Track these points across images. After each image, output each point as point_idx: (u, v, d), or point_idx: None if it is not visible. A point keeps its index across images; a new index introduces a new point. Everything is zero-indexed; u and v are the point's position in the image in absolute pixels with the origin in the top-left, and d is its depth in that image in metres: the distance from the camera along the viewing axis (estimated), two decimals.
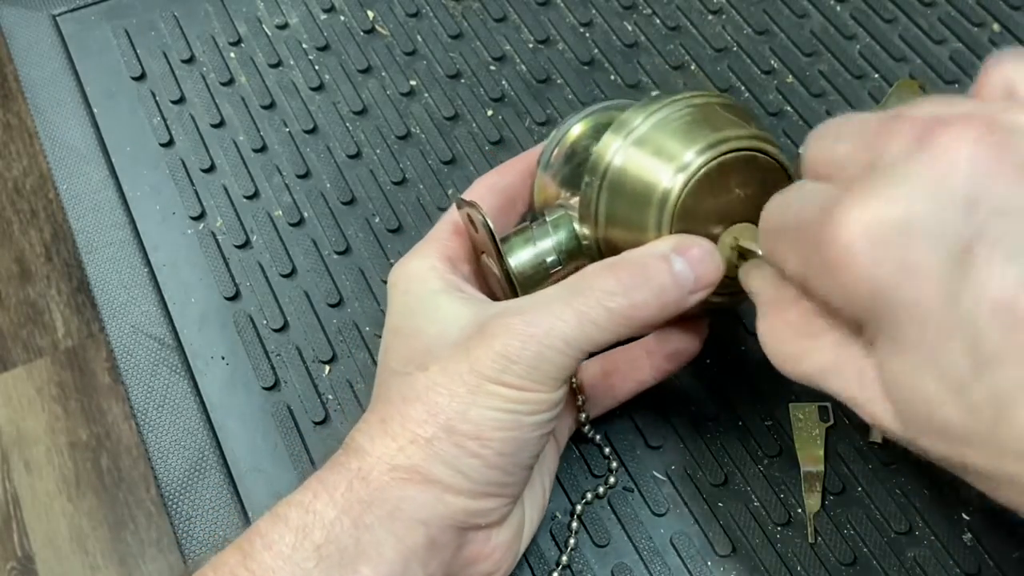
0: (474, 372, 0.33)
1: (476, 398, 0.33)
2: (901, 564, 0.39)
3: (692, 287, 0.34)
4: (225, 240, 0.48)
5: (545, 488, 0.39)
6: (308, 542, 0.32)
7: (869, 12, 0.55)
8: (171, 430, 0.43)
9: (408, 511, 0.33)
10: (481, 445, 0.33)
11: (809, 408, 0.42)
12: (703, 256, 0.34)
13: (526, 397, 0.33)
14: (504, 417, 0.33)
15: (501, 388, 0.33)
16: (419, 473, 0.33)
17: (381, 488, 0.33)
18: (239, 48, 0.55)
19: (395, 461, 0.33)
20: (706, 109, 0.36)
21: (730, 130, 0.35)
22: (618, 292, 0.33)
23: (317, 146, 0.51)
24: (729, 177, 0.35)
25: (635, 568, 0.39)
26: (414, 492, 0.33)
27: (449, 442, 0.33)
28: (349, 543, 0.32)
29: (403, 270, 0.38)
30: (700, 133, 0.35)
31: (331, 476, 0.33)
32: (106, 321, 0.46)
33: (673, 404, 0.43)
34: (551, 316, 0.33)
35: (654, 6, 0.56)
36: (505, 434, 0.33)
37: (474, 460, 0.33)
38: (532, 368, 0.33)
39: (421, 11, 0.56)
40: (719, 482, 0.41)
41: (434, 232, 0.39)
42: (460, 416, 0.33)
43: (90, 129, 0.52)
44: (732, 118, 0.36)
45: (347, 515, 0.32)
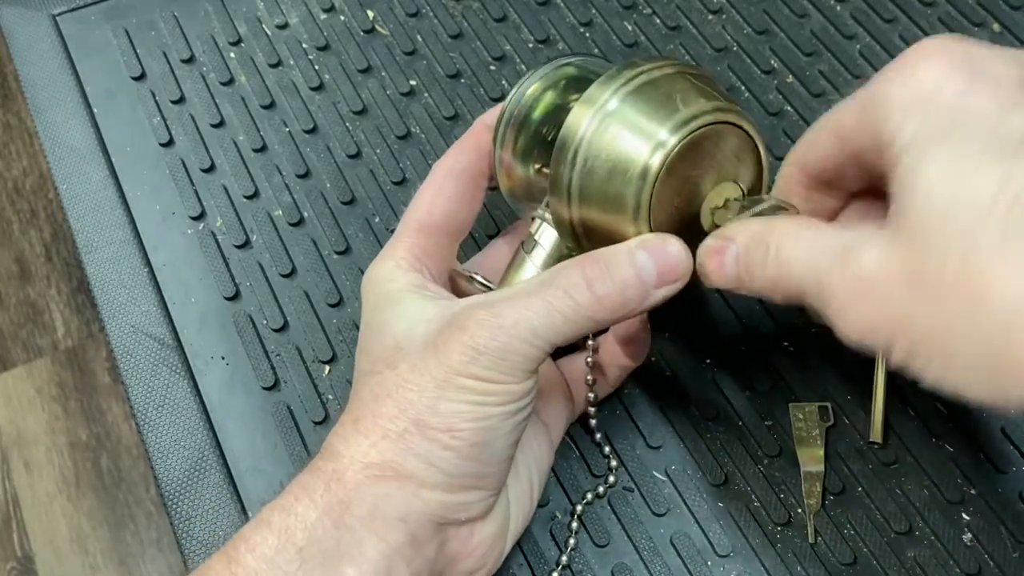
0: (442, 365, 0.33)
1: (445, 391, 0.33)
2: (901, 564, 0.39)
3: (655, 282, 0.34)
4: (225, 240, 0.48)
5: (534, 484, 0.39)
6: (291, 544, 0.32)
7: (869, 12, 0.55)
8: (171, 430, 0.43)
9: (386, 508, 0.33)
10: (452, 437, 0.33)
11: (809, 408, 0.42)
12: (669, 253, 0.34)
13: (494, 388, 0.33)
14: (473, 409, 0.33)
15: (469, 380, 0.33)
16: (393, 469, 0.33)
17: (357, 487, 0.33)
18: (239, 48, 0.55)
19: (368, 459, 0.33)
20: (674, 79, 0.36)
21: (701, 103, 0.35)
22: (583, 285, 0.33)
23: (317, 146, 0.51)
24: (703, 149, 0.35)
25: (635, 568, 0.39)
26: (389, 489, 0.33)
27: (420, 436, 0.33)
28: (331, 544, 0.32)
29: (372, 272, 0.38)
30: (672, 107, 0.35)
31: (310, 479, 0.34)
32: (106, 321, 0.46)
33: (673, 404, 0.43)
34: (519, 307, 0.33)
35: (654, 6, 0.56)
36: (475, 425, 0.33)
37: (447, 453, 0.33)
38: (500, 359, 0.33)
39: (421, 11, 0.56)
40: (719, 482, 0.41)
41: (399, 230, 0.39)
42: (430, 410, 0.33)
43: (90, 129, 0.52)
44: (701, 88, 0.36)
45: (328, 516, 0.32)
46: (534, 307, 0.33)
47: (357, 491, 0.33)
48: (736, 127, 0.36)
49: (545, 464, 0.40)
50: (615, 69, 0.36)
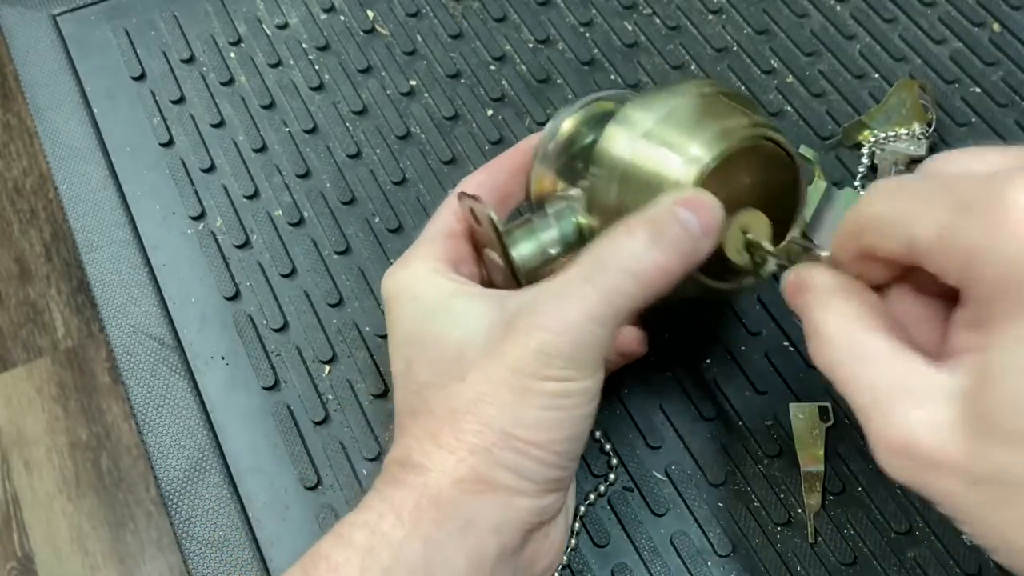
0: (516, 374, 0.33)
1: (526, 400, 0.33)
2: (901, 564, 0.39)
3: (701, 231, 0.34)
4: (225, 240, 0.48)
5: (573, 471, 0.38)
6: (376, 565, 0.31)
7: (869, 12, 0.55)
8: (171, 430, 0.43)
9: (481, 522, 0.32)
10: (539, 448, 0.33)
11: (809, 408, 0.42)
12: (701, 202, 0.34)
13: (570, 388, 0.33)
14: (557, 415, 0.33)
15: (546, 384, 0.32)
16: (484, 483, 0.33)
17: (451, 503, 0.32)
18: (239, 48, 0.55)
19: (458, 474, 0.32)
20: (711, 99, 0.36)
21: (737, 120, 0.35)
22: (638, 254, 0.33)
23: (317, 146, 0.51)
24: (738, 167, 0.35)
25: (635, 568, 0.39)
26: (484, 502, 0.33)
27: (508, 449, 0.33)
28: (418, 564, 0.31)
29: (403, 277, 0.37)
30: (709, 124, 0.35)
31: (396, 493, 0.33)
32: (106, 321, 0.46)
33: (673, 404, 0.43)
34: (578, 301, 0.33)
35: (654, 6, 0.56)
36: (560, 433, 0.33)
37: (533, 463, 0.33)
38: (571, 358, 0.32)
39: (421, 11, 0.56)
40: (719, 482, 0.41)
41: (426, 235, 0.39)
42: (514, 422, 0.33)
43: (90, 129, 0.52)
44: (737, 107, 0.36)
45: (416, 535, 0.32)
46: (592, 297, 0.33)
47: (452, 507, 0.32)
48: (771, 143, 0.36)
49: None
50: (654, 88, 0.37)
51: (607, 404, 0.43)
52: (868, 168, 0.49)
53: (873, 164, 0.49)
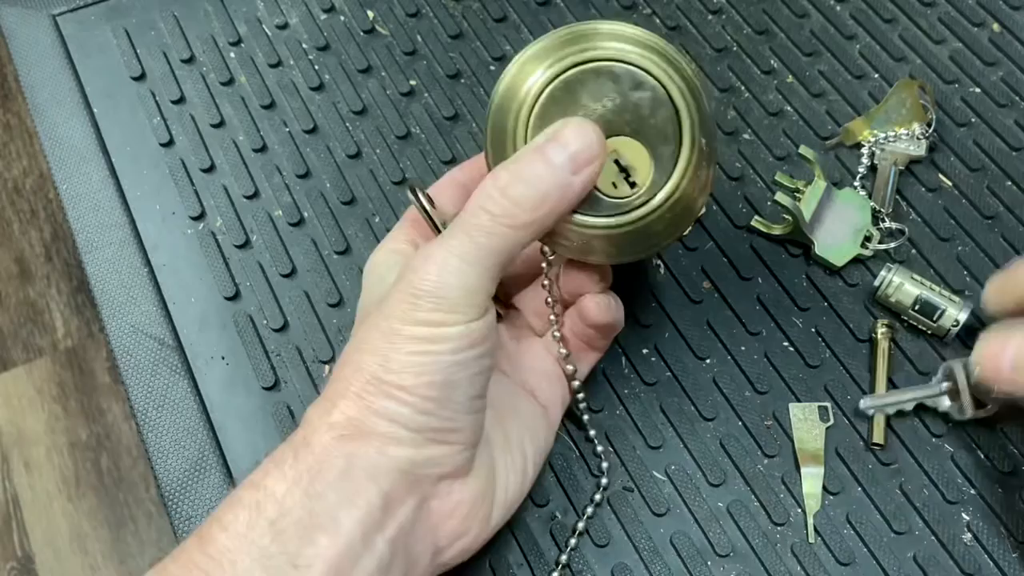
0: (388, 318, 0.33)
1: (394, 344, 0.33)
2: (901, 564, 0.39)
3: (571, 168, 0.34)
4: (225, 240, 0.48)
5: (528, 458, 0.38)
6: (262, 519, 0.32)
7: (869, 12, 0.55)
8: (171, 430, 0.43)
9: (354, 469, 0.33)
10: (407, 392, 0.33)
11: (809, 408, 0.42)
12: (576, 133, 0.34)
13: (442, 333, 0.33)
14: (424, 360, 0.33)
15: (414, 328, 0.33)
16: (357, 428, 0.33)
17: (326, 450, 0.33)
18: (239, 48, 0.55)
19: (332, 419, 0.33)
20: (595, 30, 0.36)
21: (584, 44, 0.35)
22: (496, 194, 0.33)
23: (317, 146, 0.51)
24: (584, 89, 0.35)
25: (635, 568, 0.39)
26: (355, 447, 0.33)
27: (378, 393, 0.33)
28: (303, 514, 0.32)
29: (372, 258, 0.39)
30: (570, 47, 0.35)
31: (280, 452, 0.34)
32: (106, 321, 0.46)
33: (673, 404, 0.43)
34: (445, 242, 0.33)
35: (654, 6, 0.56)
36: (428, 377, 0.33)
37: (404, 408, 0.33)
38: (438, 298, 0.33)
39: (421, 11, 0.56)
40: (719, 482, 0.41)
41: (400, 223, 0.40)
42: (383, 367, 0.33)
43: (90, 129, 0.52)
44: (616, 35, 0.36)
45: (297, 486, 0.32)
46: (456, 236, 0.33)
47: (326, 454, 0.33)
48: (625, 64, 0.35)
49: (542, 442, 0.39)
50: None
51: (607, 404, 0.43)
52: (868, 168, 0.49)
53: (873, 164, 0.49)
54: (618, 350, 0.44)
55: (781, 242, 0.47)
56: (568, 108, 0.35)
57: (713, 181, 0.38)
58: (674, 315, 0.45)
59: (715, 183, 0.38)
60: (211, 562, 0.31)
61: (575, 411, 0.42)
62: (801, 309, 0.45)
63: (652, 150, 0.36)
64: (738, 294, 0.46)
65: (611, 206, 0.36)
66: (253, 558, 0.31)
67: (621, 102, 0.35)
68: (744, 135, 0.51)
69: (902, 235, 0.46)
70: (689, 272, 0.46)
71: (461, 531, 0.36)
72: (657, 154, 0.36)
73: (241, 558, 0.31)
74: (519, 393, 0.39)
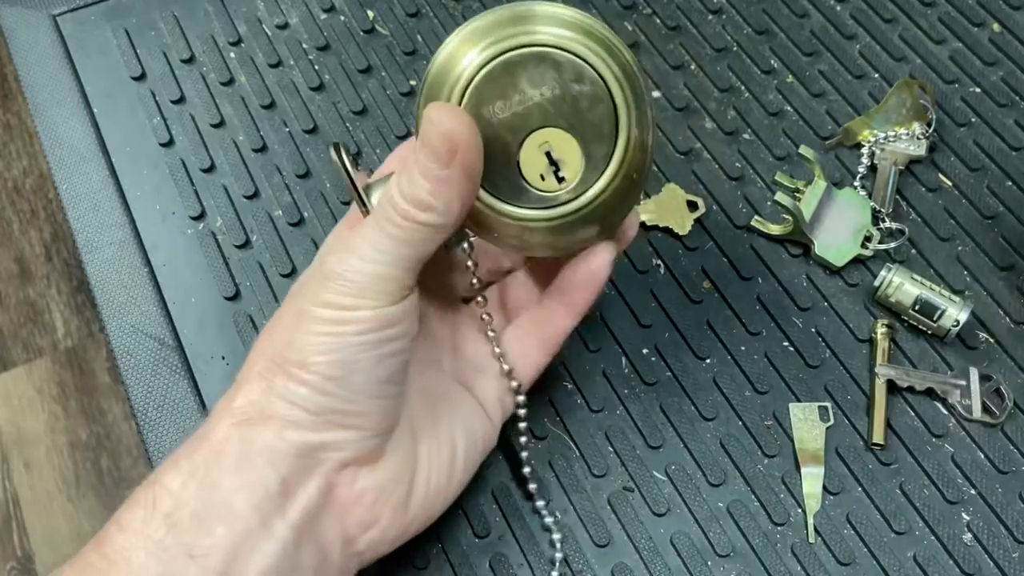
0: (301, 299, 0.33)
1: (300, 324, 0.33)
2: (901, 564, 0.39)
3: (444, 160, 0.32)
4: (225, 240, 0.48)
5: (457, 449, 0.37)
6: (157, 513, 0.32)
7: (869, 12, 0.55)
8: (171, 430, 0.43)
9: (254, 454, 0.32)
10: (306, 370, 0.33)
11: (809, 408, 0.42)
12: (436, 121, 0.32)
13: (349, 316, 0.33)
14: (327, 340, 0.33)
15: (323, 310, 0.33)
16: (256, 411, 0.33)
17: (223, 440, 0.33)
18: (239, 48, 0.55)
19: (234, 404, 0.33)
20: (526, 12, 0.35)
21: (530, 27, 0.34)
22: (394, 191, 0.33)
23: (317, 146, 0.51)
24: (524, 73, 0.34)
25: (635, 568, 0.39)
26: (252, 433, 0.33)
27: (280, 373, 0.33)
28: (198, 506, 0.32)
29: (328, 239, 0.38)
30: (498, 31, 0.34)
31: (177, 451, 0.33)
32: (106, 321, 0.46)
33: (673, 404, 0.43)
34: (360, 231, 0.33)
35: (654, 6, 0.56)
36: (329, 357, 0.33)
37: (303, 388, 0.33)
38: (349, 282, 0.33)
39: (421, 11, 0.56)
40: (719, 482, 0.41)
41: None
42: (287, 345, 0.33)
43: (90, 129, 0.52)
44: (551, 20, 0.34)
45: (193, 478, 0.32)
46: (370, 225, 0.33)
47: (223, 444, 0.33)
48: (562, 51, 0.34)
49: (479, 440, 0.38)
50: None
51: (607, 404, 0.43)
52: (868, 168, 0.49)
53: (873, 164, 0.49)
54: (618, 350, 0.44)
55: (781, 242, 0.47)
56: (506, 90, 0.34)
57: (649, 171, 0.37)
58: (674, 315, 0.45)
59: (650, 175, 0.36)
60: (105, 561, 0.31)
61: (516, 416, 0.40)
62: (801, 309, 0.45)
63: (585, 146, 0.35)
64: (738, 294, 0.46)
65: (537, 199, 0.35)
66: (148, 552, 0.31)
67: (560, 92, 0.34)
68: (744, 135, 0.51)
69: (902, 235, 0.46)
70: (689, 272, 0.46)
71: (370, 520, 0.35)
72: (590, 151, 0.35)
73: (136, 554, 0.31)
74: (455, 386, 0.39)
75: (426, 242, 0.33)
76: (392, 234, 0.33)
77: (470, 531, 0.40)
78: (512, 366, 0.39)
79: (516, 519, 0.40)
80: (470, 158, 0.33)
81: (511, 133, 0.34)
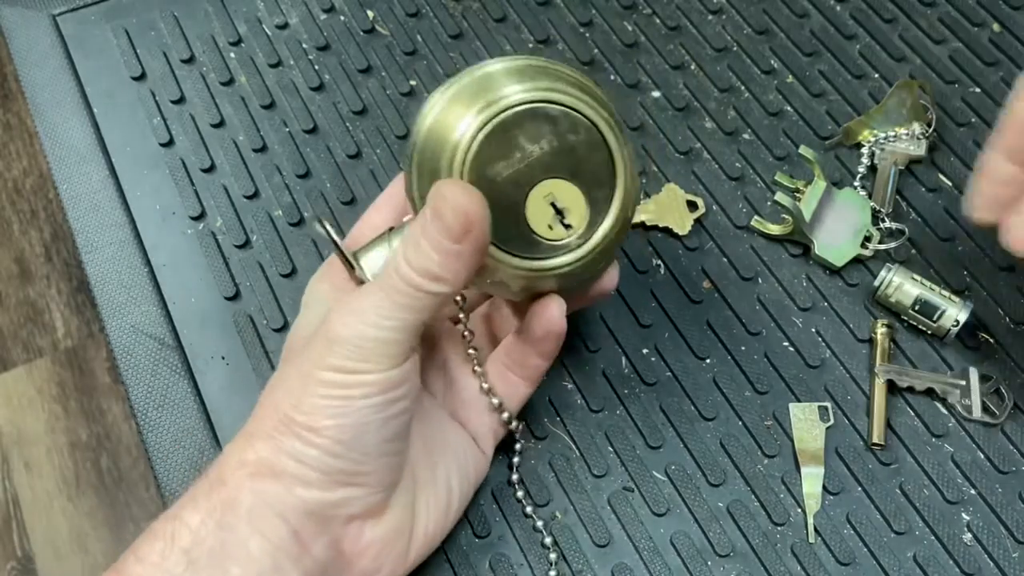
0: (307, 361, 0.34)
1: (307, 387, 0.33)
2: (901, 564, 0.39)
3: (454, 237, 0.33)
4: (225, 240, 0.48)
5: (454, 492, 0.38)
6: (176, 547, 0.32)
7: (869, 12, 0.55)
8: (171, 430, 0.43)
9: (264, 506, 0.33)
10: (316, 434, 0.33)
11: (809, 408, 0.42)
12: (449, 201, 0.33)
13: (354, 380, 0.33)
14: (335, 404, 0.33)
15: (328, 373, 0.33)
16: (267, 467, 0.33)
17: (237, 486, 0.33)
18: (239, 48, 0.55)
19: (245, 457, 0.33)
20: (513, 69, 0.35)
21: (518, 84, 0.34)
22: (402, 262, 0.33)
23: (317, 146, 0.51)
24: (525, 133, 0.34)
25: (635, 568, 0.39)
26: (265, 486, 0.33)
27: (290, 433, 0.33)
28: (215, 544, 0.32)
29: (309, 287, 0.39)
30: (489, 91, 0.34)
31: (195, 487, 0.34)
32: (106, 321, 0.46)
33: (673, 404, 0.43)
34: (367, 295, 0.34)
35: (654, 6, 0.56)
36: (338, 421, 0.33)
37: (313, 450, 0.33)
38: (355, 347, 0.33)
39: (421, 11, 0.56)
40: (719, 482, 0.41)
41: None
42: (294, 407, 0.33)
43: (90, 129, 0.52)
44: (540, 72, 0.35)
45: (211, 517, 0.33)
46: (376, 292, 0.34)
47: (237, 490, 0.33)
48: (556, 105, 0.34)
49: (471, 475, 0.39)
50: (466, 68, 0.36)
51: (607, 404, 0.43)
52: (868, 168, 0.49)
53: (873, 164, 0.49)
54: (618, 350, 0.44)
55: (781, 242, 0.47)
56: (507, 150, 0.34)
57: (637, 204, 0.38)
58: (674, 315, 0.45)
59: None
60: None
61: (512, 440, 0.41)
62: (801, 309, 0.45)
63: (588, 191, 0.36)
64: (738, 294, 0.46)
65: (548, 248, 0.36)
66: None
67: (558, 145, 0.35)
68: (744, 135, 0.51)
69: (902, 235, 0.46)
70: (689, 272, 0.46)
71: (373, 568, 0.36)
72: (593, 195, 0.36)
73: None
74: (449, 423, 0.39)
75: (432, 308, 0.34)
76: (399, 302, 0.33)
77: (470, 531, 0.40)
78: (501, 399, 0.40)
79: (516, 519, 0.40)
80: (481, 233, 0.33)
81: (516, 189, 0.35)
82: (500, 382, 0.40)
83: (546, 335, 0.38)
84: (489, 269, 0.36)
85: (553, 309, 0.37)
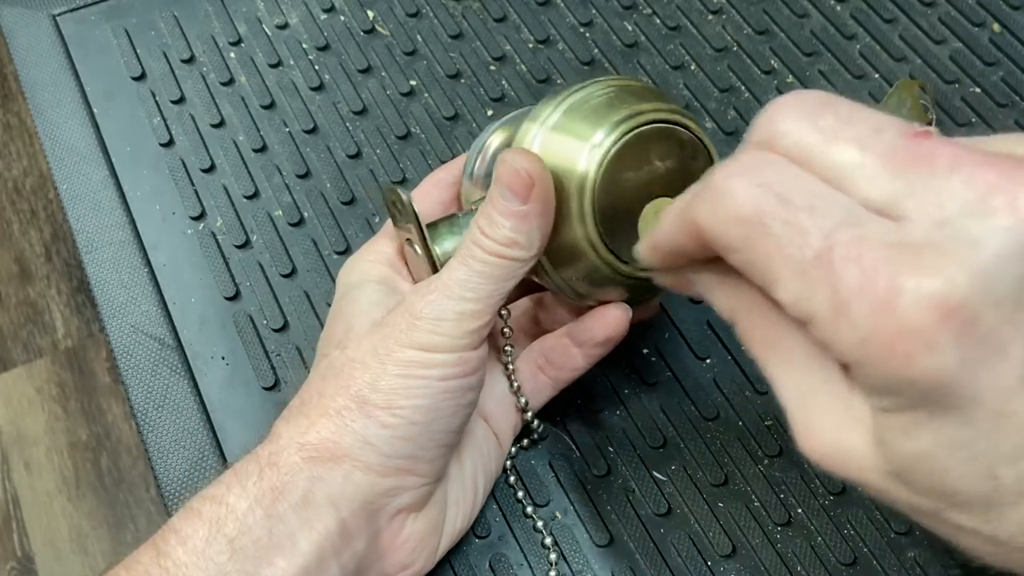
0: (385, 339, 0.34)
1: (386, 366, 0.33)
2: (901, 564, 0.39)
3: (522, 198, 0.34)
4: (225, 240, 0.48)
5: (479, 489, 0.39)
6: (221, 535, 0.32)
7: (869, 12, 0.55)
8: (171, 430, 0.43)
9: (318, 494, 0.33)
10: (391, 414, 0.33)
11: None
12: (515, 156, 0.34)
13: (436, 359, 0.33)
14: (414, 383, 0.33)
15: (410, 351, 0.33)
16: (328, 449, 0.33)
17: (291, 471, 0.33)
18: (239, 48, 0.55)
19: (305, 438, 0.33)
20: (618, 90, 0.37)
21: (641, 105, 0.36)
22: (478, 233, 0.34)
23: (317, 146, 0.51)
24: (645, 151, 0.36)
25: (635, 568, 0.39)
26: (322, 471, 0.33)
27: (359, 412, 0.33)
28: (262, 534, 0.32)
29: (349, 264, 0.39)
30: (612, 111, 0.36)
31: (244, 466, 0.33)
32: (106, 321, 0.46)
33: (673, 404, 0.43)
34: (448, 271, 0.34)
35: (654, 6, 0.56)
36: (416, 402, 0.33)
37: (384, 431, 0.33)
38: (436, 320, 0.33)
39: (421, 11, 0.56)
40: (719, 482, 0.41)
41: (383, 228, 0.40)
42: (371, 386, 0.33)
43: (90, 129, 0.52)
44: (644, 96, 0.37)
45: (259, 505, 0.32)
46: (455, 266, 0.34)
47: (291, 475, 0.33)
48: (678, 127, 0.36)
49: (493, 471, 0.40)
50: (560, 87, 0.37)
51: (607, 405, 0.43)
52: None
53: None
54: (618, 350, 0.44)
55: None
56: (638, 162, 0.36)
57: None
58: (674, 315, 0.45)
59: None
60: (165, 574, 0.31)
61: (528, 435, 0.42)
62: None
63: None
64: None
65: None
66: (209, 575, 0.31)
67: (678, 167, 0.36)
68: (744, 135, 0.51)
69: None
70: None
71: (408, 562, 0.36)
72: None
73: (197, 574, 0.31)
74: (475, 418, 0.39)
75: (512, 277, 0.34)
76: (480, 271, 0.34)
77: (470, 531, 0.40)
78: (527, 398, 0.40)
79: (516, 519, 0.40)
80: (545, 192, 0.34)
81: (636, 200, 0.36)
82: (529, 381, 0.40)
83: (606, 339, 0.39)
84: (597, 275, 0.37)
85: (622, 315, 0.38)
